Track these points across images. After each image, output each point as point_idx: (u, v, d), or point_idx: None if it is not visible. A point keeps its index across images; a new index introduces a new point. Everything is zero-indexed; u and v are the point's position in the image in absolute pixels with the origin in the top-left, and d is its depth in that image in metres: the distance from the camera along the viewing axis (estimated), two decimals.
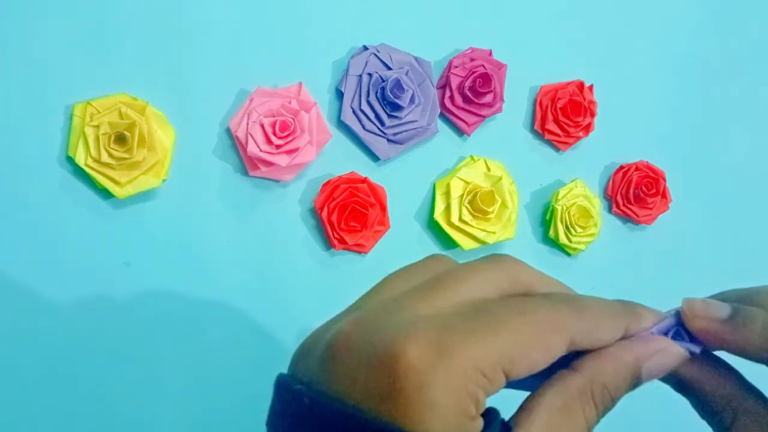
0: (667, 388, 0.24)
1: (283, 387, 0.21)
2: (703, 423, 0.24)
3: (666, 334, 0.23)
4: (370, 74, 0.52)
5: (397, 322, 0.19)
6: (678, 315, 0.23)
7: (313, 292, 0.52)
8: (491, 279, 0.21)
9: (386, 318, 0.20)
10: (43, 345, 0.45)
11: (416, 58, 0.53)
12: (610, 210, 0.63)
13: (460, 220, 0.54)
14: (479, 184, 0.55)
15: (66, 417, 0.45)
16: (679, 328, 0.23)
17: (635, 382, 0.21)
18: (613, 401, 0.21)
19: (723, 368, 0.23)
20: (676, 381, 0.24)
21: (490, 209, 0.54)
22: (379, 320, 0.20)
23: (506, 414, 0.20)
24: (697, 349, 0.23)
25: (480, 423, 0.18)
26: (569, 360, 0.21)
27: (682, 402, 0.24)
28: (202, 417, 0.49)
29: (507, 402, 0.21)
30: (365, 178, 0.52)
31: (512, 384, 0.20)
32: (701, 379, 0.23)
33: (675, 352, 0.22)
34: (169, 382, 0.48)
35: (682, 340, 0.23)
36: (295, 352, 0.22)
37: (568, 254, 0.60)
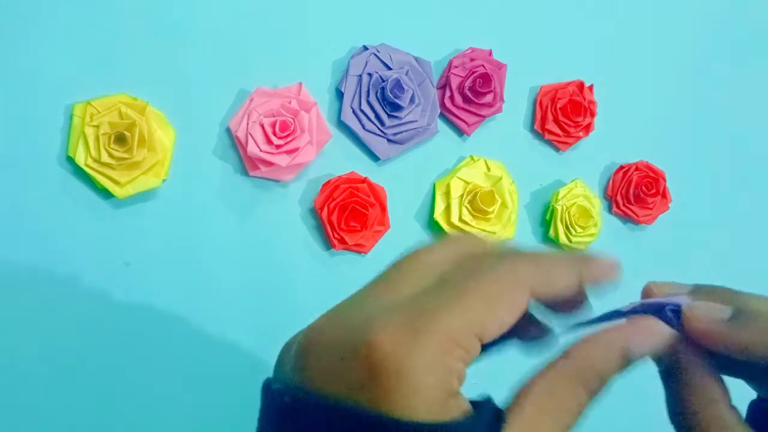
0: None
1: (265, 388, 0.21)
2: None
3: (655, 312, 0.23)
4: (370, 74, 0.52)
5: (365, 311, 0.20)
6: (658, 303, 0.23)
7: (313, 292, 0.52)
8: (445, 253, 0.22)
9: (355, 310, 0.20)
10: (43, 345, 0.45)
11: (416, 58, 0.53)
12: (610, 210, 0.63)
13: (460, 220, 0.54)
14: (479, 184, 0.55)
15: (66, 416, 0.45)
16: (666, 308, 0.23)
17: (625, 363, 0.21)
18: (603, 383, 0.21)
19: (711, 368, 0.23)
20: (665, 364, 0.23)
21: (490, 209, 0.54)
22: (348, 313, 0.20)
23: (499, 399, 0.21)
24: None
25: (462, 401, 0.19)
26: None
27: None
28: (202, 416, 0.49)
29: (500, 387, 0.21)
30: (365, 178, 0.52)
31: (485, 347, 0.20)
32: (691, 372, 0.22)
33: (661, 331, 0.22)
34: (169, 381, 0.48)
35: (665, 315, 0.23)
36: (278, 356, 0.23)
37: None
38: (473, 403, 0.19)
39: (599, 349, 0.21)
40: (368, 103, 0.52)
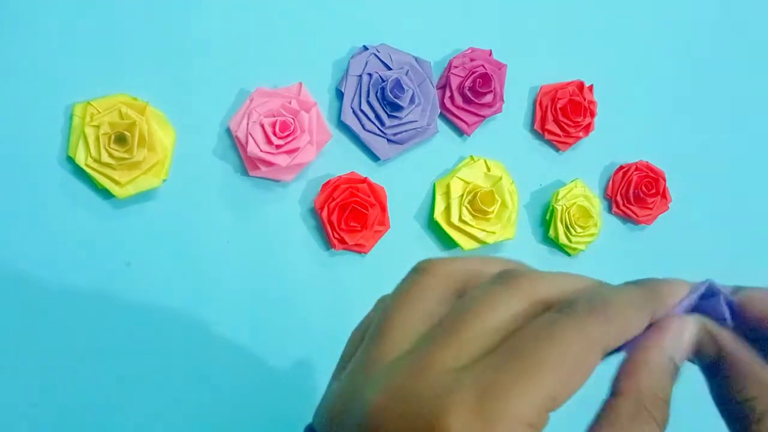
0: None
1: None
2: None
3: (694, 309, 0.22)
4: (370, 74, 0.52)
5: (431, 388, 0.18)
6: (709, 291, 0.22)
7: (313, 292, 0.52)
8: (510, 306, 0.20)
9: (418, 382, 0.19)
10: (44, 345, 0.45)
11: (416, 58, 0.53)
12: (610, 210, 0.63)
13: (460, 220, 0.54)
14: (479, 184, 0.55)
15: (66, 416, 0.45)
16: (709, 299, 0.22)
17: (676, 375, 0.20)
18: (667, 404, 0.20)
19: (762, 350, 0.22)
20: (709, 357, 0.22)
21: (490, 209, 0.54)
22: (411, 386, 0.19)
23: None
24: (729, 322, 0.22)
25: None
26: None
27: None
28: (202, 416, 0.49)
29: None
30: (365, 178, 0.52)
31: None
32: (739, 356, 0.21)
33: (692, 326, 0.21)
34: (169, 381, 0.48)
35: (710, 310, 0.22)
36: (324, 411, 0.21)
37: (568, 254, 0.60)
38: None
39: (649, 373, 0.20)
40: (368, 103, 0.52)
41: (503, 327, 0.20)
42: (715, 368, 0.22)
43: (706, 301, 0.22)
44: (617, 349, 0.21)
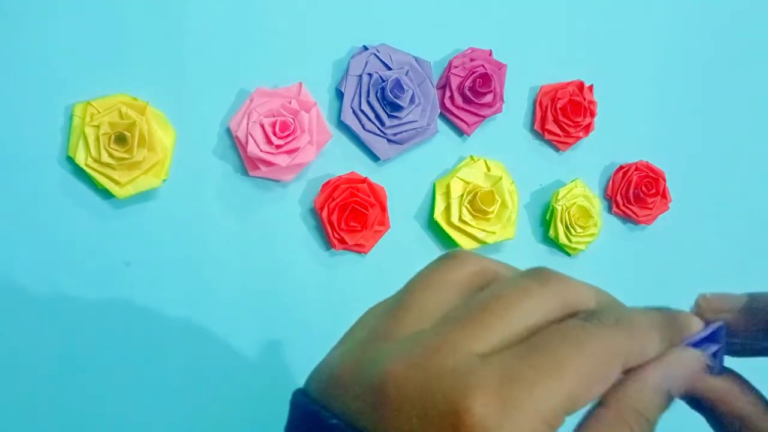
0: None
1: (311, 416, 0.19)
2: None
3: (695, 345, 0.22)
4: (370, 74, 0.52)
5: (452, 367, 0.18)
6: (715, 331, 0.22)
7: (313, 292, 0.52)
8: (542, 304, 0.20)
9: (439, 359, 0.19)
10: (43, 345, 0.45)
11: (416, 58, 0.53)
12: (610, 210, 0.63)
13: (460, 220, 0.54)
14: (479, 184, 0.55)
15: (66, 417, 0.45)
16: (710, 344, 0.22)
17: (667, 400, 0.20)
18: (651, 424, 0.20)
19: (741, 386, 0.23)
20: (690, 398, 0.23)
21: (490, 209, 0.54)
22: (432, 361, 0.19)
23: None
24: (716, 367, 0.22)
25: None
26: None
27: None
28: (202, 416, 0.49)
29: None
30: (365, 178, 0.52)
31: None
32: (716, 398, 0.22)
33: (698, 361, 0.21)
34: (170, 381, 0.48)
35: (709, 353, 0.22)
36: (322, 374, 0.21)
37: (568, 254, 0.60)
38: None
39: (638, 389, 0.20)
40: (368, 103, 0.52)
41: (532, 322, 0.20)
42: (711, 413, 0.22)
43: (707, 342, 0.22)
44: None
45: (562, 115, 0.58)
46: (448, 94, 0.55)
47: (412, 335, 0.20)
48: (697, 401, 0.23)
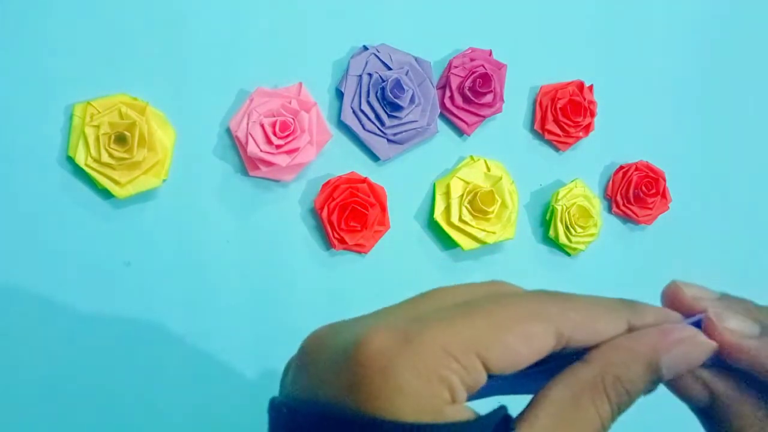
0: None
1: (269, 405, 0.20)
2: None
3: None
4: (370, 74, 0.52)
5: (366, 322, 0.19)
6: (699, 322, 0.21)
7: (313, 292, 0.52)
8: (477, 287, 0.21)
9: (356, 321, 0.19)
10: (43, 345, 0.45)
11: (416, 58, 0.53)
12: (610, 210, 0.63)
13: (460, 220, 0.54)
14: (479, 184, 0.55)
15: (66, 417, 0.45)
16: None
17: (653, 377, 0.19)
18: (630, 396, 0.19)
19: (749, 385, 0.21)
20: (702, 402, 0.22)
21: (490, 209, 0.54)
22: (349, 323, 0.19)
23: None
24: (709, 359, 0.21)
25: (462, 410, 0.18)
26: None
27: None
28: (203, 415, 0.49)
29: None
30: (365, 178, 0.52)
31: (518, 387, 0.19)
32: (729, 401, 0.21)
33: (703, 342, 0.20)
34: (170, 381, 0.48)
35: None
36: (282, 374, 0.22)
37: (568, 254, 0.60)
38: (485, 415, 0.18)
39: (623, 356, 0.19)
40: (368, 103, 0.52)
41: (460, 297, 0.20)
42: (709, 412, 0.22)
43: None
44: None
45: (562, 115, 0.58)
46: (448, 94, 0.55)
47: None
48: (708, 409, 0.21)
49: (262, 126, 0.48)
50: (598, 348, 0.19)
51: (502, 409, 0.18)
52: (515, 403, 0.19)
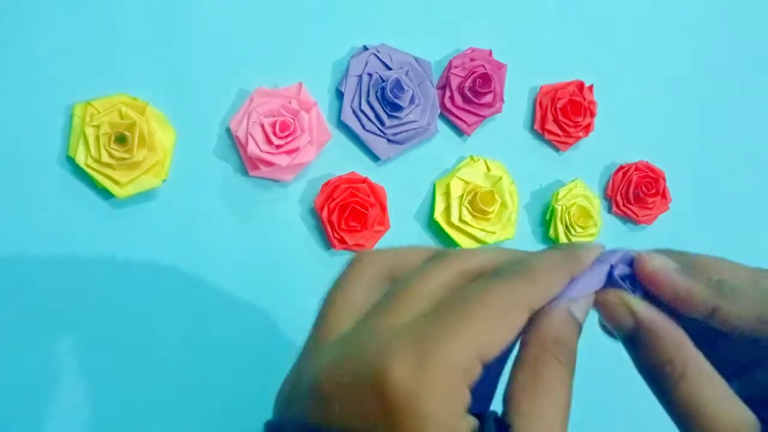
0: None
1: (265, 428, 0.21)
2: None
3: (610, 277, 0.24)
4: (370, 74, 0.52)
5: (373, 345, 0.20)
6: (624, 262, 0.24)
7: (313, 292, 0.52)
8: (441, 276, 0.23)
9: (361, 344, 0.21)
10: (43, 345, 0.45)
11: (416, 58, 0.53)
12: (610, 210, 0.63)
13: (460, 220, 0.54)
14: (479, 184, 0.55)
15: (67, 417, 0.45)
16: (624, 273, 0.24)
17: (578, 326, 0.22)
18: (572, 350, 0.22)
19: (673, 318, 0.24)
20: (627, 328, 0.23)
21: (490, 209, 0.54)
22: (355, 348, 0.21)
23: None
24: (638, 293, 0.23)
25: (470, 419, 0.19)
26: None
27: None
28: (203, 415, 0.49)
29: None
30: (365, 178, 0.52)
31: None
32: (655, 324, 0.23)
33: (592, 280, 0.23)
34: (170, 381, 0.48)
35: (626, 283, 0.23)
36: (277, 401, 0.23)
37: None
38: (476, 415, 0.20)
39: (547, 321, 0.22)
40: (368, 103, 0.52)
41: (436, 294, 0.22)
42: (635, 338, 0.23)
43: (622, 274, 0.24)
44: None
45: (562, 115, 0.58)
46: (448, 94, 0.55)
47: (336, 338, 0.22)
48: (633, 336, 0.23)
49: (262, 126, 0.48)
50: (529, 330, 0.22)
51: (493, 412, 0.20)
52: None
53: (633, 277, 0.24)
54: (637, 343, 0.23)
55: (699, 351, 0.22)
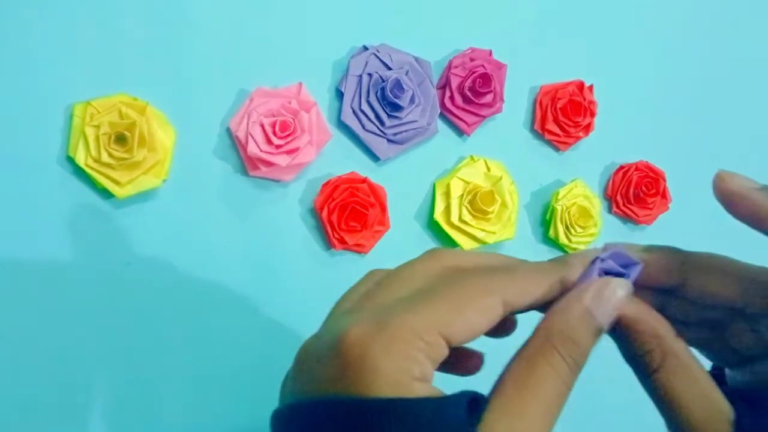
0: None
1: (272, 417, 0.22)
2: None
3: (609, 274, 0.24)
4: (370, 74, 0.52)
5: (344, 320, 0.21)
6: (605, 258, 0.24)
7: (313, 292, 0.52)
8: (426, 269, 0.23)
9: (336, 322, 0.22)
10: (44, 345, 0.45)
11: (416, 58, 0.53)
12: (610, 210, 0.63)
13: (460, 220, 0.54)
14: (479, 184, 0.55)
15: (67, 417, 0.45)
16: (610, 268, 0.24)
17: (596, 328, 0.22)
18: (581, 350, 0.21)
19: (656, 311, 0.24)
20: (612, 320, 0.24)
21: (490, 209, 0.54)
22: (330, 326, 0.22)
23: None
24: (629, 281, 0.23)
25: (431, 389, 0.20)
26: None
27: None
28: (203, 415, 0.49)
29: None
30: (365, 178, 0.52)
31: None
32: (637, 316, 0.23)
33: (621, 284, 0.22)
34: (170, 381, 0.48)
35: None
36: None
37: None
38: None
39: (562, 315, 0.21)
40: (368, 103, 0.52)
41: (419, 283, 0.22)
42: (620, 330, 0.23)
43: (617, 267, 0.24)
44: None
45: (562, 115, 0.58)
46: (448, 94, 0.55)
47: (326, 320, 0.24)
48: (618, 328, 0.23)
49: (262, 126, 0.48)
50: (541, 320, 0.22)
51: (470, 392, 0.20)
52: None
53: (620, 273, 0.24)
54: (622, 335, 0.23)
55: (681, 342, 0.23)
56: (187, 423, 0.48)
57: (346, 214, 0.50)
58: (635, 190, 0.61)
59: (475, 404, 0.20)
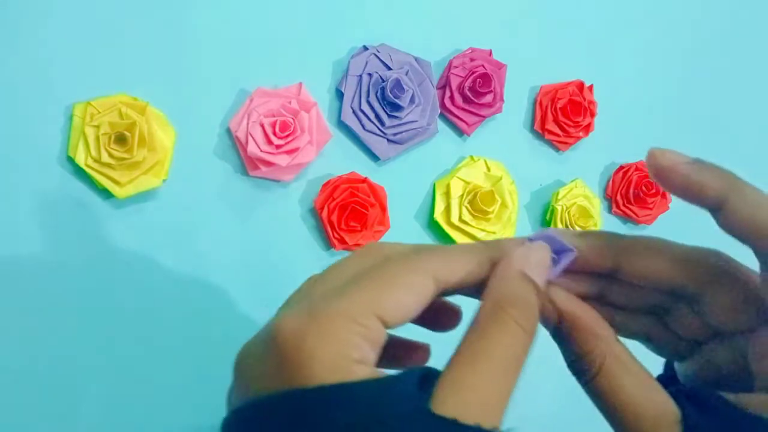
0: None
1: (220, 428, 0.22)
2: None
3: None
4: (370, 74, 0.52)
5: (278, 315, 0.22)
6: (535, 239, 0.24)
7: None
8: (360, 261, 0.23)
9: (272, 319, 0.22)
10: (44, 345, 0.45)
11: (416, 58, 0.53)
12: (610, 210, 0.63)
13: (460, 220, 0.54)
14: (479, 184, 0.55)
15: (67, 417, 0.45)
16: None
17: (535, 288, 0.22)
18: (530, 309, 0.21)
19: (598, 315, 0.24)
20: (552, 322, 0.24)
21: (490, 209, 0.54)
22: (267, 324, 0.22)
23: None
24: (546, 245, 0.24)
25: (372, 371, 0.19)
26: None
27: None
28: (203, 416, 0.49)
29: None
30: (365, 178, 0.52)
31: None
32: (577, 313, 0.23)
33: (539, 247, 0.23)
34: (170, 381, 0.48)
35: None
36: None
37: None
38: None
39: (500, 278, 0.22)
40: (368, 103, 0.52)
41: (350, 273, 0.22)
42: (561, 332, 0.23)
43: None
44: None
45: (562, 115, 0.58)
46: (448, 94, 0.55)
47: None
48: (558, 326, 0.24)
49: (262, 126, 0.48)
50: (485, 290, 0.22)
51: (422, 368, 0.20)
52: None
53: (552, 258, 0.24)
54: (562, 336, 0.23)
55: (621, 342, 0.23)
56: (188, 423, 0.48)
57: (346, 214, 0.50)
58: (635, 190, 0.61)
59: (428, 381, 0.19)
